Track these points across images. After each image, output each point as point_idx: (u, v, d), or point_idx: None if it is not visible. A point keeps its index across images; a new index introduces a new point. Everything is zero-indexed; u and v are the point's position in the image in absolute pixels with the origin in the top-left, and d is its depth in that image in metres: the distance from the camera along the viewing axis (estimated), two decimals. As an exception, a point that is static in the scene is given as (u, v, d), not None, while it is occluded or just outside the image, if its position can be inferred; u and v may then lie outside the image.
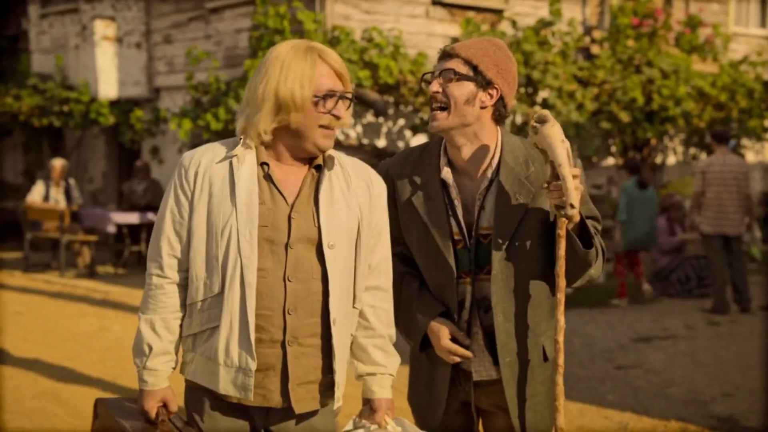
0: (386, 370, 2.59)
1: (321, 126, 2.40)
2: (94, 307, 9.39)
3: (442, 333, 2.66)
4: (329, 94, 2.39)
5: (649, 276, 10.52)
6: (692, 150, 13.13)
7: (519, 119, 11.08)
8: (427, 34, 11.06)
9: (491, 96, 2.61)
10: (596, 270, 2.65)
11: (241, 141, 2.43)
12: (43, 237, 12.10)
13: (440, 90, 2.60)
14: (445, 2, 11.20)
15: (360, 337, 2.56)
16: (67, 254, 11.84)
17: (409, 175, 2.72)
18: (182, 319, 2.48)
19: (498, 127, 2.68)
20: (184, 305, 2.47)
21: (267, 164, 2.43)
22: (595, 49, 12.23)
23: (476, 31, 10.80)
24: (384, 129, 10.68)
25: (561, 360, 2.60)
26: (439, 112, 2.61)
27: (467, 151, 2.64)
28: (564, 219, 2.51)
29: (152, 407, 2.45)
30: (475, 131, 2.62)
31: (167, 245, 2.45)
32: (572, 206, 2.45)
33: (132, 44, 13.15)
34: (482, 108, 2.61)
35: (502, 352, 2.63)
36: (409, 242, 2.75)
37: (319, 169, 2.47)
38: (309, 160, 2.48)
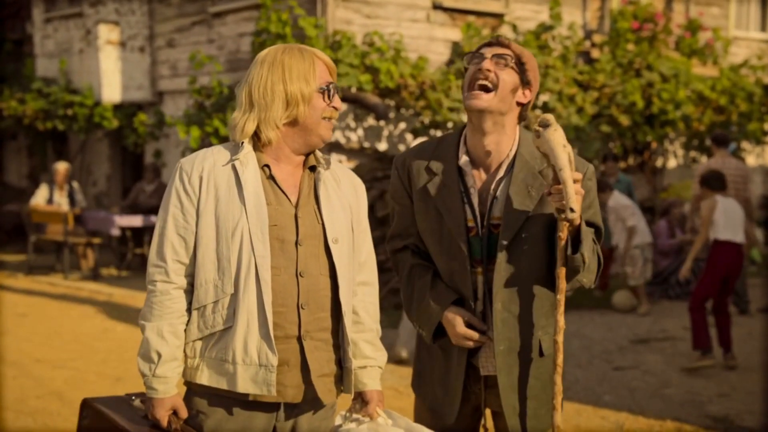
0: (376, 363, 2.69)
1: (324, 118, 2.52)
2: (97, 309, 9.46)
3: (456, 321, 2.68)
4: (329, 86, 2.53)
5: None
6: (692, 153, 13.18)
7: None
8: (428, 39, 11.13)
9: (525, 95, 2.68)
10: (587, 278, 2.66)
11: (242, 145, 2.51)
12: (47, 240, 12.18)
13: (492, 70, 2.63)
14: (446, 6, 11.27)
15: (350, 332, 2.61)
16: (71, 257, 11.92)
17: (426, 164, 2.76)
18: (186, 325, 2.51)
19: (518, 125, 2.74)
20: (188, 310, 2.50)
21: (268, 166, 2.52)
22: (595, 53, 12.29)
23: (477, 35, 10.87)
24: (385, 132, 10.76)
25: (560, 360, 2.61)
26: (483, 92, 2.63)
27: (491, 140, 2.68)
28: (565, 222, 2.54)
29: (164, 416, 2.46)
30: (504, 122, 2.67)
31: (172, 251, 2.48)
32: (572, 210, 2.48)
33: (135, 48, 13.23)
34: (518, 104, 2.68)
35: (497, 340, 2.66)
36: (423, 230, 2.78)
37: (312, 169, 2.58)
38: (304, 161, 2.58)
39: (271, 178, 2.52)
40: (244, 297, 2.43)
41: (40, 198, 12.00)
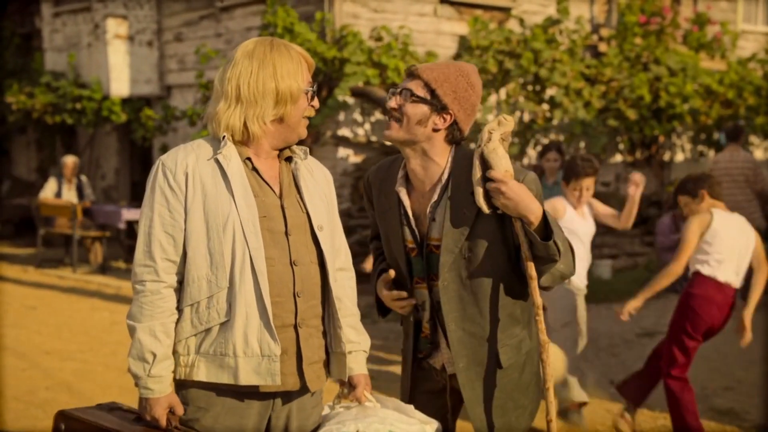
0: (360, 347, 2.72)
1: (304, 117, 2.57)
2: (106, 301, 9.52)
3: (379, 286, 2.90)
4: (312, 87, 2.56)
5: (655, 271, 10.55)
6: (700, 147, 13.17)
7: (527, 117, 11.15)
8: (435, 33, 11.14)
9: (444, 120, 2.75)
10: (565, 265, 2.75)
11: (224, 139, 2.51)
12: (55, 233, 12.24)
13: (396, 107, 2.76)
14: (453, 1, 11.27)
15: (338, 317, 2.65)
16: (80, 250, 11.98)
17: (379, 185, 2.91)
18: (177, 323, 2.50)
19: (451, 146, 2.80)
20: (178, 308, 2.50)
21: (250, 159, 2.54)
22: (602, 47, 12.28)
23: (484, 29, 10.88)
24: (392, 126, 10.77)
25: (545, 336, 2.79)
26: (394, 122, 2.77)
27: (416, 166, 2.80)
28: (515, 219, 2.70)
29: (162, 415, 2.47)
30: (424, 149, 2.77)
31: (160, 249, 2.47)
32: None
33: (144, 42, 13.28)
34: (435, 130, 2.75)
35: (456, 358, 2.78)
36: (383, 245, 2.97)
37: (288, 160, 2.62)
38: (279, 152, 2.61)
39: (255, 170, 2.54)
40: (241, 290, 2.43)
41: (48, 191, 12.06)
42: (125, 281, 10.66)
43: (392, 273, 2.86)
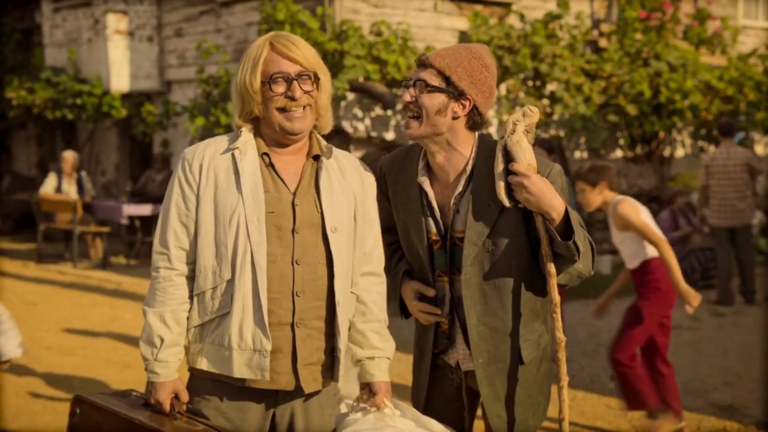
0: (383, 353, 2.70)
1: (278, 108, 2.51)
2: (106, 297, 9.53)
3: (407, 296, 2.81)
4: (275, 77, 2.49)
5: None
6: (700, 143, 13.17)
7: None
8: (435, 28, 11.14)
9: (464, 106, 2.65)
10: (584, 265, 2.67)
11: (241, 133, 2.55)
12: (56, 228, 12.24)
13: (413, 100, 2.67)
14: (453, -4, 11.27)
15: (357, 323, 2.65)
16: (80, 245, 11.98)
17: (395, 176, 2.82)
18: (188, 311, 2.54)
19: (474, 134, 2.73)
20: (191, 297, 2.54)
21: (267, 155, 2.54)
22: (602, 43, 12.28)
23: (484, 24, 10.87)
24: (392, 122, 10.78)
25: (561, 334, 2.71)
26: (412, 120, 2.68)
27: (441, 158, 2.71)
28: (537, 215, 2.62)
29: (165, 399, 2.50)
30: (447, 139, 2.68)
31: (174, 238, 2.52)
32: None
33: (144, 38, 13.27)
34: (454, 118, 2.66)
35: (475, 353, 2.72)
36: (399, 237, 2.88)
37: (316, 158, 2.59)
38: (307, 150, 2.60)
39: (271, 166, 2.54)
40: (240, 283, 2.45)
41: (48, 187, 12.06)
42: (126, 276, 10.67)
43: (431, 293, 2.78)
